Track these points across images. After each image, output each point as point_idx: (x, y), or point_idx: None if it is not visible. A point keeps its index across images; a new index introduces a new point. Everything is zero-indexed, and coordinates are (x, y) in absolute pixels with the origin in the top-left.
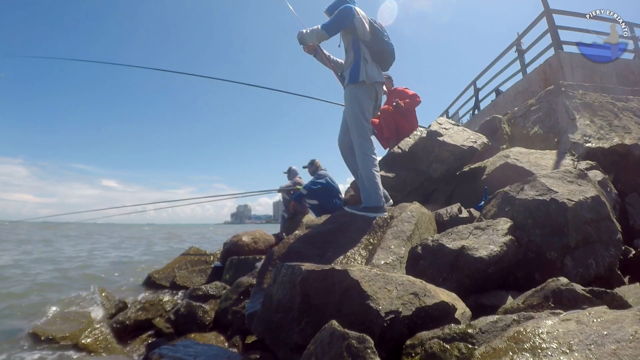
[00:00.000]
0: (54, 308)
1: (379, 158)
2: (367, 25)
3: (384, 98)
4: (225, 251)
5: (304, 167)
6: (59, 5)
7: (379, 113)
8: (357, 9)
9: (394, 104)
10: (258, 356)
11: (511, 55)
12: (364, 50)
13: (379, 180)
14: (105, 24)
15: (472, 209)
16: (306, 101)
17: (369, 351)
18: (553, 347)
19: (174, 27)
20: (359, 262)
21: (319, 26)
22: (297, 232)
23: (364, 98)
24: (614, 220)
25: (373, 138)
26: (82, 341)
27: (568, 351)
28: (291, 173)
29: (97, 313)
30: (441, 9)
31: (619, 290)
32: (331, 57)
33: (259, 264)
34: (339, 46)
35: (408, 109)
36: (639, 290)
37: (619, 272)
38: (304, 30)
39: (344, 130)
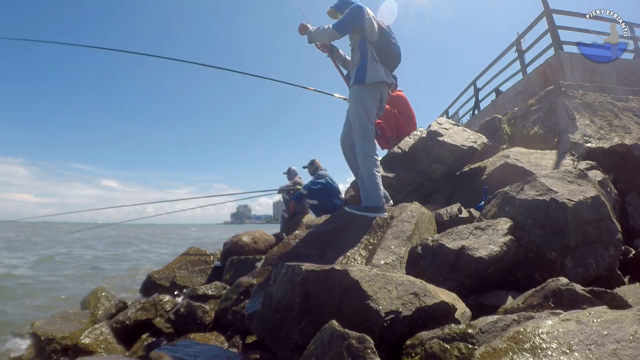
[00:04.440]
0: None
1: (379, 158)
2: (375, 26)
3: None
4: (225, 251)
5: (304, 167)
6: (60, 1)
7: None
8: (366, 8)
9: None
10: (258, 356)
11: (511, 55)
12: (371, 50)
13: (379, 181)
14: (107, 18)
15: (472, 209)
16: (306, 100)
17: (369, 351)
18: (553, 347)
19: (176, 20)
20: (359, 262)
21: (330, 25)
22: (297, 232)
23: (369, 99)
24: (614, 220)
25: None
26: (82, 341)
27: (568, 351)
28: (291, 173)
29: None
30: (441, 8)
31: (619, 290)
32: (343, 55)
33: (259, 264)
34: (350, 45)
35: (407, 111)
36: (639, 290)
37: (619, 272)
38: (311, 28)
39: (346, 130)
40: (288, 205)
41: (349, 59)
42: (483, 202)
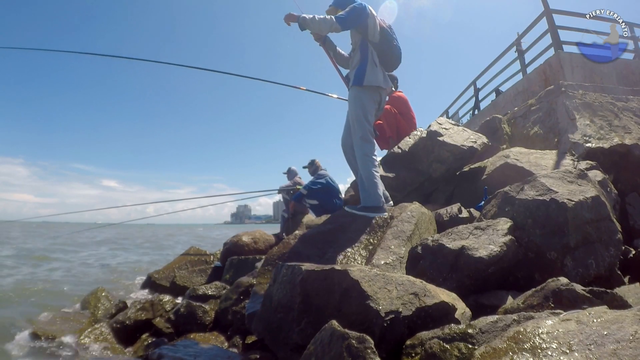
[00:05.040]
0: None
1: (378, 158)
2: (377, 26)
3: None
4: (225, 251)
5: (304, 167)
6: (58, 1)
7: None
8: (369, 7)
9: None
10: (258, 356)
11: (511, 55)
12: (372, 52)
13: (378, 181)
14: (106, 17)
15: (472, 209)
16: (306, 101)
17: (369, 351)
18: (553, 347)
19: (176, 20)
20: (359, 262)
21: (333, 17)
22: (297, 232)
23: (368, 101)
24: (614, 220)
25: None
26: (82, 341)
27: (568, 351)
28: (291, 173)
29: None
30: (441, 8)
31: (619, 290)
32: (338, 49)
33: (259, 264)
34: (351, 44)
35: (408, 111)
36: (639, 290)
37: (619, 272)
38: (308, 16)
39: (347, 131)
40: (288, 205)
41: (343, 52)
42: (483, 202)
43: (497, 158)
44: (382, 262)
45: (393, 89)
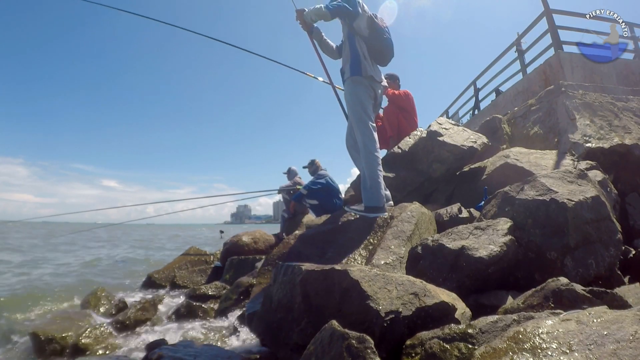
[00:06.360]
0: (55, 307)
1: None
2: (365, 21)
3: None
4: (225, 251)
5: (304, 167)
6: None
7: (381, 114)
8: (361, 2)
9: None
10: (258, 356)
11: (511, 55)
12: (360, 45)
13: (382, 180)
14: (107, 18)
15: (472, 209)
16: (307, 101)
17: (369, 351)
18: (553, 347)
19: (179, 17)
20: (359, 262)
21: (322, 6)
22: (297, 232)
23: (364, 96)
24: (614, 220)
25: None
26: (82, 341)
27: (568, 351)
28: (291, 173)
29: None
30: (441, 8)
31: (619, 290)
32: (325, 38)
33: (259, 264)
34: (342, 41)
35: (410, 108)
36: (639, 290)
37: (619, 272)
38: (306, 9)
39: (350, 131)
40: (288, 205)
41: (332, 43)
42: (483, 202)
43: (497, 158)
44: (382, 262)
45: (385, 84)
